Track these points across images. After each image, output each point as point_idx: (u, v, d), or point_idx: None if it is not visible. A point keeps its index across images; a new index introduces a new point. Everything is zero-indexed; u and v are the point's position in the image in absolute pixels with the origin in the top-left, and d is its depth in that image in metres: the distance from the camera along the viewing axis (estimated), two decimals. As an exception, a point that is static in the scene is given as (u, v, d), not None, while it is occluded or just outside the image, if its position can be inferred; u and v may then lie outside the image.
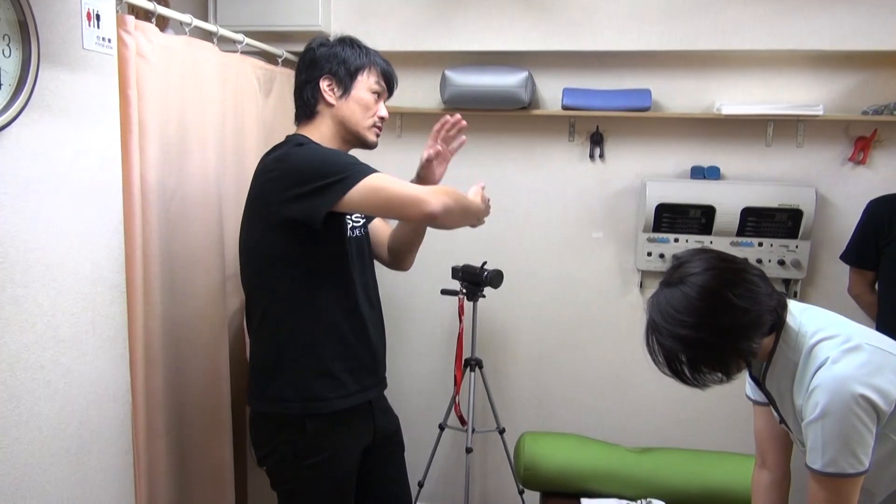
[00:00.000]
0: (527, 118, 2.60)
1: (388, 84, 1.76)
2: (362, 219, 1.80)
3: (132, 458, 1.68)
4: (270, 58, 2.53)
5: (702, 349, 1.22)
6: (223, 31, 2.14)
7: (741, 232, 2.46)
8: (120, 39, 1.62)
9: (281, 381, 1.64)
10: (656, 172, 2.57)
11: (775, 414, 1.42)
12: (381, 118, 1.76)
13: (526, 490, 2.34)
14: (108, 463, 1.58)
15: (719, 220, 2.45)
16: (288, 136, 1.74)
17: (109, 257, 1.56)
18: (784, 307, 1.29)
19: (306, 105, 1.73)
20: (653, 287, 2.66)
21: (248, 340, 1.81)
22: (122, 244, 1.62)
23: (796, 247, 2.44)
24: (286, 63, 2.60)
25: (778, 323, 1.28)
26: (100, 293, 1.53)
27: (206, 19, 2.46)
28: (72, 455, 1.46)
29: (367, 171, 1.52)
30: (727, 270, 1.24)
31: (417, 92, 2.68)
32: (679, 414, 2.69)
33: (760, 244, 2.46)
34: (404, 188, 1.52)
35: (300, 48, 2.61)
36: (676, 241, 2.52)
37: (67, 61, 1.41)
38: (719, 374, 1.25)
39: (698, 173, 2.53)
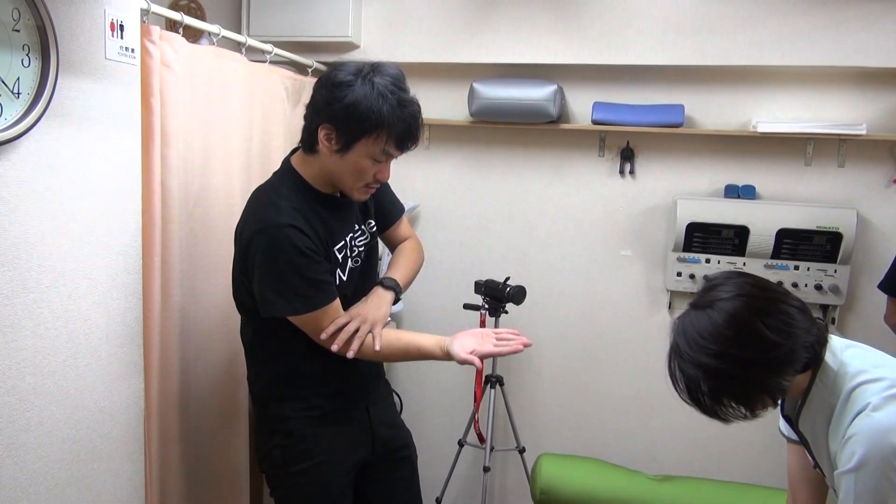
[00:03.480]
0: (556, 132, 2.56)
1: (401, 148, 1.50)
2: (365, 243, 1.68)
3: (143, 464, 1.69)
4: (300, 68, 2.55)
5: (725, 380, 1.14)
6: (251, 42, 2.16)
7: (776, 254, 2.37)
8: (144, 49, 1.64)
9: (269, 391, 1.66)
10: (688, 190, 2.50)
11: (809, 457, 1.33)
12: (379, 182, 1.56)
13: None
14: (119, 468, 1.59)
15: (753, 241, 2.37)
16: (284, 160, 1.65)
17: (126, 265, 1.58)
18: (823, 343, 1.19)
19: (307, 138, 1.54)
20: (682, 308, 2.58)
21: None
22: (140, 252, 1.64)
23: (835, 271, 2.33)
24: (316, 73, 2.61)
25: (815, 360, 1.18)
26: (115, 300, 1.54)
27: (238, 31, 2.49)
28: (81, 460, 1.48)
29: (311, 305, 1.48)
30: (761, 299, 1.15)
31: (446, 104, 2.67)
32: (705, 441, 2.59)
33: (797, 267, 2.36)
34: (317, 335, 1.52)
35: (330, 58, 2.65)
36: (708, 261, 2.44)
37: (89, 71, 1.43)
38: (742, 410, 1.16)
39: (732, 192, 2.44)
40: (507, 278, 2.36)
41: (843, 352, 1.20)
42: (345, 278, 1.59)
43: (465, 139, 2.69)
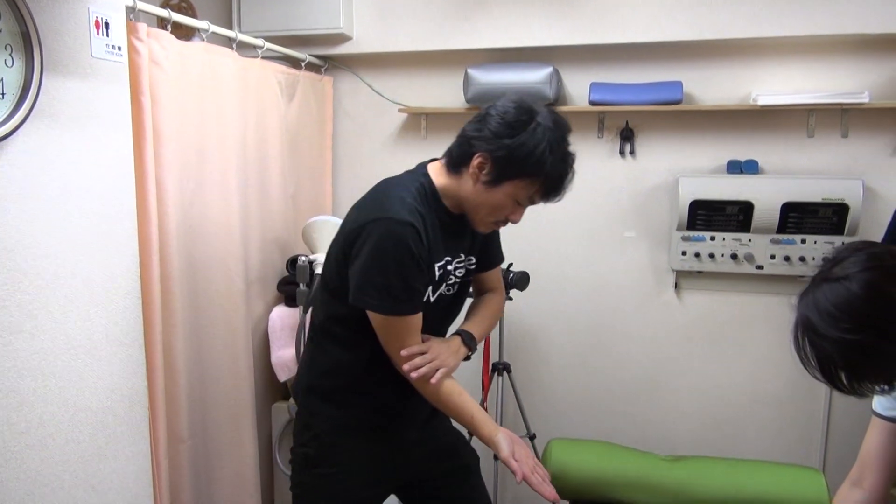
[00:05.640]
0: (553, 115, 2.53)
1: (545, 200, 1.48)
2: (462, 275, 1.61)
3: (150, 463, 1.68)
4: (294, 62, 2.54)
5: (865, 355, 1.07)
6: (242, 37, 2.15)
7: (782, 229, 2.33)
8: (131, 47, 1.64)
9: (316, 384, 1.59)
10: (690, 168, 2.47)
11: None
12: (509, 223, 1.52)
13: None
14: (125, 468, 1.59)
15: (758, 217, 2.33)
16: (419, 165, 1.58)
17: (123, 264, 1.57)
18: None
19: (456, 157, 1.47)
20: (689, 288, 2.57)
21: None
22: (137, 251, 1.63)
23: (842, 243, 2.30)
24: (310, 66, 2.60)
25: None
26: (113, 300, 1.54)
27: (230, 27, 2.48)
28: (86, 461, 1.47)
29: (399, 310, 1.44)
30: None
31: (441, 92, 2.64)
32: (715, 420, 2.57)
33: (803, 241, 2.33)
34: (395, 344, 1.47)
35: (323, 51, 2.63)
36: (713, 239, 2.40)
37: (76, 69, 1.42)
38: (882, 384, 1.10)
39: (735, 168, 2.41)
40: (510, 265, 2.34)
41: None
42: (433, 299, 1.53)
43: (461, 126, 2.67)
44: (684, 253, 2.44)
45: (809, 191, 2.28)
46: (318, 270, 2.24)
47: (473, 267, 1.64)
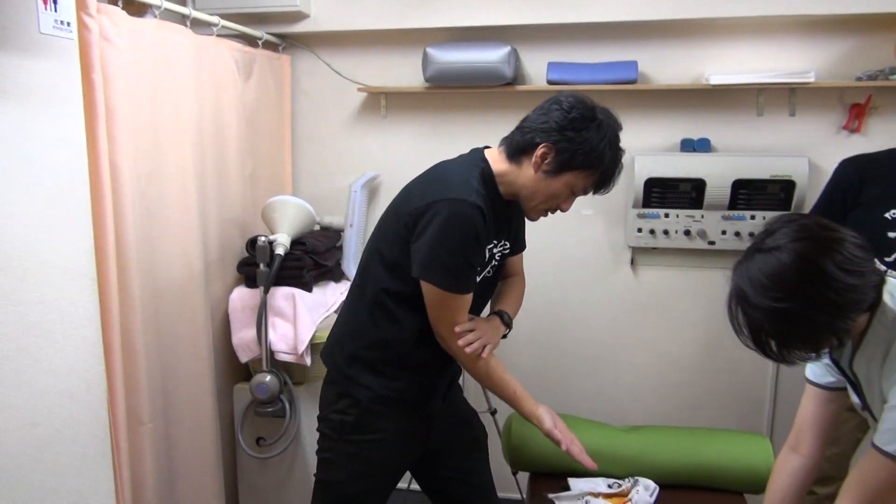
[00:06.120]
0: (512, 94, 2.56)
1: (597, 191, 1.59)
2: (500, 258, 1.70)
3: (110, 446, 1.67)
4: (250, 40, 2.50)
5: (793, 323, 1.11)
6: (196, 14, 2.11)
7: (733, 205, 2.41)
8: (81, 23, 1.60)
9: (361, 354, 1.63)
10: (645, 146, 2.52)
11: (856, 399, 1.32)
12: (559, 210, 1.62)
13: (519, 471, 2.32)
14: (85, 452, 1.57)
15: (710, 194, 2.40)
16: (474, 150, 1.66)
17: (77, 245, 1.54)
18: (882, 283, 1.17)
19: (518, 146, 1.55)
20: (644, 263, 2.63)
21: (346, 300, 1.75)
22: (91, 232, 1.60)
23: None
24: (267, 45, 2.57)
25: (876, 300, 1.16)
26: (68, 281, 1.51)
27: (183, 3, 2.42)
28: (44, 445, 1.46)
29: (459, 287, 1.53)
30: (827, 239, 1.12)
31: (400, 71, 2.64)
32: (669, 391, 2.66)
33: (753, 217, 2.41)
34: (448, 321, 1.56)
35: (280, 29, 2.60)
36: (667, 216, 2.47)
37: (23, 46, 1.38)
38: (809, 352, 1.15)
39: (688, 146, 2.47)
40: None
41: None
42: (478, 280, 1.61)
43: (422, 106, 2.67)
44: (640, 230, 2.50)
45: (759, 168, 2.36)
46: (279, 251, 2.24)
47: (508, 251, 1.73)
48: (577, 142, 1.49)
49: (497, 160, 1.59)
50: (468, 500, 1.88)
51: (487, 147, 1.66)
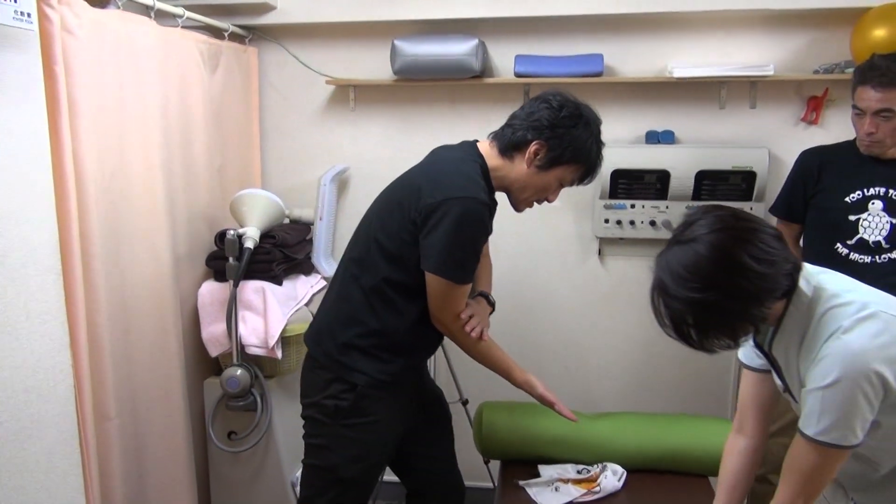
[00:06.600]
0: (480, 87, 2.57)
1: (582, 183, 1.71)
2: None
3: (77, 443, 1.65)
4: (216, 32, 2.48)
5: (711, 313, 1.15)
6: (160, 5, 2.08)
7: (696, 196, 2.46)
8: (42, 13, 1.57)
9: (357, 341, 1.67)
10: (611, 138, 2.52)
11: (778, 381, 1.37)
12: (546, 202, 1.75)
13: (491, 460, 2.35)
14: (52, 448, 1.56)
15: (674, 185, 2.45)
16: (468, 144, 1.72)
17: (41, 240, 1.52)
18: (798, 270, 1.21)
19: (510, 142, 1.65)
20: (612, 254, 2.68)
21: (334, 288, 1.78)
22: (56, 226, 1.58)
23: (751, 209, 2.44)
24: (233, 37, 2.54)
25: (791, 287, 1.20)
26: (32, 276, 1.50)
27: (147, -6, 2.38)
28: (10, 442, 1.44)
29: (466, 279, 1.63)
30: (742, 229, 1.15)
31: (369, 64, 2.64)
32: (636, 378, 2.71)
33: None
34: (452, 309, 1.66)
35: (246, 21, 2.58)
36: (633, 206, 2.51)
37: (-19, 37, 1.36)
38: (727, 340, 1.19)
39: (653, 138, 2.52)
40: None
41: (816, 277, 1.24)
42: None
43: (390, 98, 2.68)
44: (607, 221, 2.54)
45: (721, 159, 2.42)
46: (248, 244, 2.23)
47: None
48: (568, 139, 1.61)
49: (490, 155, 1.68)
50: (437, 474, 1.96)
51: (477, 141, 1.72)
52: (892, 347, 1.14)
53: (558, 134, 1.61)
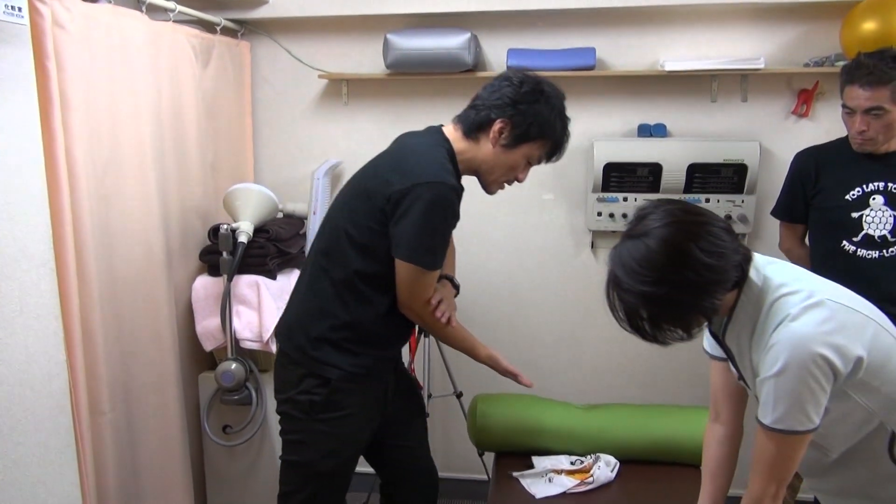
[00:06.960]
0: (473, 81, 2.57)
1: (549, 160, 1.71)
2: None
3: (72, 438, 1.66)
4: (208, 26, 2.47)
5: (663, 306, 1.17)
6: (152, -1, 2.08)
7: (688, 189, 2.47)
8: (32, 8, 1.57)
9: (328, 335, 1.66)
10: (604, 132, 2.57)
11: (733, 370, 1.39)
12: (516, 181, 1.73)
13: (485, 452, 2.37)
14: (47, 442, 1.57)
15: (666, 178, 2.46)
16: (434, 129, 1.71)
17: (35, 234, 1.53)
18: (749, 261, 1.24)
19: (473, 123, 1.65)
20: (605, 247, 2.69)
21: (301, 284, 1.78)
22: (49, 221, 1.58)
23: (742, 202, 2.46)
24: (225, 31, 2.54)
25: (742, 277, 1.23)
26: (26, 271, 1.50)
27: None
28: (5, 436, 1.45)
29: (436, 264, 1.62)
30: (692, 223, 1.18)
31: (362, 58, 2.64)
32: (631, 371, 2.73)
33: (707, 200, 2.48)
34: (423, 295, 1.64)
35: (238, 15, 2.57)
36: (626, 199, 2.53)
37: (-28, 32, 1.36)
38: (680, 332, 1.21)
39: (645, 131, 2.53)
40: (434, 228, 2.39)
41: (766, 268, 1.26)
42: None
43: (383, 93, 2.68)
44: (600, 214, 2.56)
45: (713, 152, 2.43)
46: (242, 238, 2.23)
47: None
48: (530, 114, 1.60)
49: (455, 138, 1.67)
50: (410, 462, 1.97)
51: (443, 126, 1.71)
52: (838, 334, 1.17)
53: (521, 110, 1.60)
